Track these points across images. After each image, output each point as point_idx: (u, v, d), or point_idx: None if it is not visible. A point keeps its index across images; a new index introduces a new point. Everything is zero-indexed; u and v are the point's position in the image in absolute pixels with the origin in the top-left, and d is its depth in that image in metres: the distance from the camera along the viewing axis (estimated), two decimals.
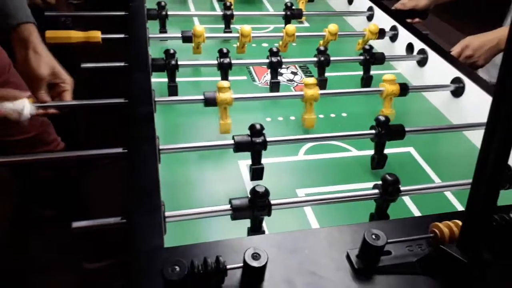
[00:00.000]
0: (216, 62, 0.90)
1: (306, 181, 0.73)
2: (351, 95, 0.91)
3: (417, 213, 0.67)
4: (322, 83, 0.96)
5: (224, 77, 0.91)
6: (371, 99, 0.94)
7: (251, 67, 1.07)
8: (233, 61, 0.90)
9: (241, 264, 0.40)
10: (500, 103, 0.36)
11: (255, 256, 0.40)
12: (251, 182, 0.70)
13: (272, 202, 0.54)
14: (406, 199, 0.69)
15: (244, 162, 0.74)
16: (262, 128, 0.66)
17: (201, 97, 0.77)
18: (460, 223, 0.46)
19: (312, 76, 1.02)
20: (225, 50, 0.90)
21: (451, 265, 0.43)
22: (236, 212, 0.53)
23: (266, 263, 0.40)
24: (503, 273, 0.44)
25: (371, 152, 0.75)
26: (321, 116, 0.91)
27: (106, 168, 0.88)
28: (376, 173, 0.75)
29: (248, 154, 0.68)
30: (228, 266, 0.40)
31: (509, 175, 0.63)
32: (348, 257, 0.45)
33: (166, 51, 0.88)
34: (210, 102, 0.77)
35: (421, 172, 0.77)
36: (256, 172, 0.67)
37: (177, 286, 0.38)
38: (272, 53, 0.92)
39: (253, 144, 0.65)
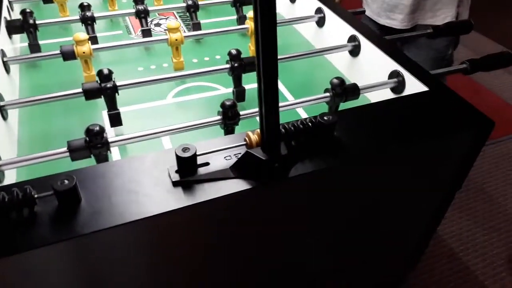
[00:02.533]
0: (78, 17, 0.88)
1: (174, 122, 0.76)
2: (221, 35, 0.93)
3: None
4: (195, 26, 0.97)
5: (91, 31, 0.90)
6: (244, 39, 0.97)
7: (128, 21, 1.06)
8: (96, 14, 0.88)
9: (51, 192, 0.43)
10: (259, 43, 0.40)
11: (63, 182, 0.43)
12: (112, 129, 0.71)
13: (110, 139, 0.57)
14: None
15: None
16: (110, 72, 0.67)
17: (58, 52, 0.76)
18: None
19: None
20: (85, 3, 0.88)
21: (257, 165, 0.48)
22: (74, 153, 0.55)
23: (75, 185, 0.43)
24: (300, 162, 0.50)
25: None
26: (195, 60, 0.93)
27: None
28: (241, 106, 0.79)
29: None
30: (40, 195, 0.43)
31: (344, 88, 0.69)
32: (169, 173, 0.49)
33: (23, 11, 0.85)
34: (68, 55, 0.76)
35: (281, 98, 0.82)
36: (113, 118, 0.69)
37: None
38: (137, 2, 0.92)
39: (103, 90, 0.66)
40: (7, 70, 0.76)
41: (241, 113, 0.63)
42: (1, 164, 0.52)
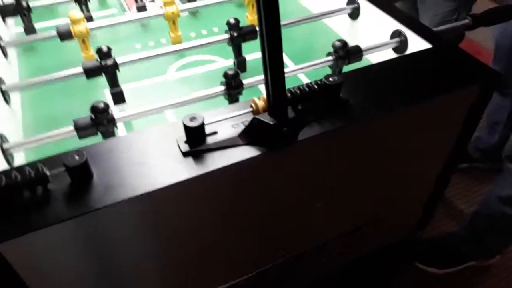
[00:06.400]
0: None
1: (176, 97, 0.75)
2: (217, 6, 0.91)
3: None
4: None
5: (86, 10, 0.88)
6: (241, 9, 0.95)
7: None
8: None
9: (64, 168, 0.43)
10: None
11: (73, 158, 0.43)
12: (116, 108, 0.71)
13: (116, 115, 0.56)
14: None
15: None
16: (109, 49, 0.66)
17: (54, 33, 0.75)
18: None
19: None
20: None
21: (265, 130, 0.48)
22: (81, 131, 0.55)
23: (85, 160, 0.43)
24: (308, 125, 0.50)
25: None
26: (192, 34, 0.92)
27: None
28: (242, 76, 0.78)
29: None
30: (52, 172, 0.43)
31: (347, 50, 0.68)
32: (178, 144, 0.49)
33: None
34: (65, 35, 0.75)
35: None
36: (116, 96, 0.69)
37: None
38: None
39: (103, 67, 0.66)
40: (5, 54, 0.75)
41: (244, 81, 0.63)
42: (10, 147, 0.52)
